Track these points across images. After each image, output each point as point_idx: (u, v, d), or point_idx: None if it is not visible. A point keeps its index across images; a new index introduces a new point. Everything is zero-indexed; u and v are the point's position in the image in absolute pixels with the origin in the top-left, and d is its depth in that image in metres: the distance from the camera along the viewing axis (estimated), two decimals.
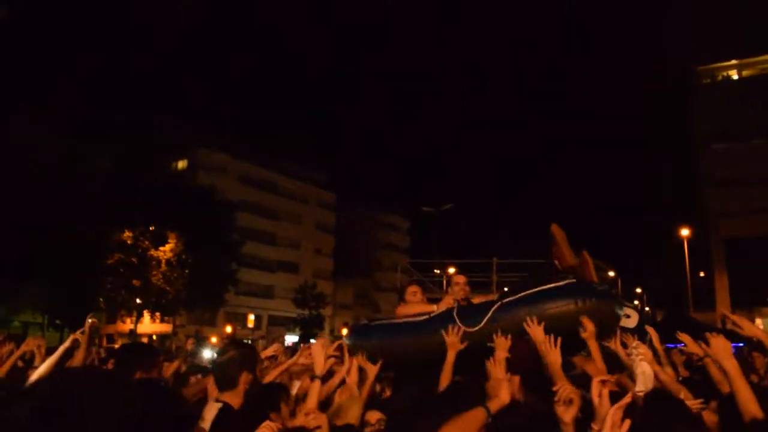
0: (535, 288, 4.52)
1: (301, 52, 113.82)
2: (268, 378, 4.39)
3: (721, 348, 3.14)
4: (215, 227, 39.85)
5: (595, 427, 2.27)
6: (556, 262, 4.88)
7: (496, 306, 4.50)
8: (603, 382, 2.34)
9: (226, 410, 3.49)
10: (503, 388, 3.02)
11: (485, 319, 4.40)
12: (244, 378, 3.56)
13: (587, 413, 2.36)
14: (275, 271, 61.82)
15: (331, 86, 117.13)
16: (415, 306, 5.27)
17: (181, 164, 56.21)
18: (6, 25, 35.85)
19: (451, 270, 31.36)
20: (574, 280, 4.48)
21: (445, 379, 4.06)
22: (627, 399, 2.21)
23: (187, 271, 37.59)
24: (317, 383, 3.67)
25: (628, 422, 2.11)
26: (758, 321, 41.69)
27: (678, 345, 9.55)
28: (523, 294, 4.52)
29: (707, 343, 3.46)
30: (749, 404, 2.71)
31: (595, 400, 2.31)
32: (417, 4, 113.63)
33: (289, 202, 65.18)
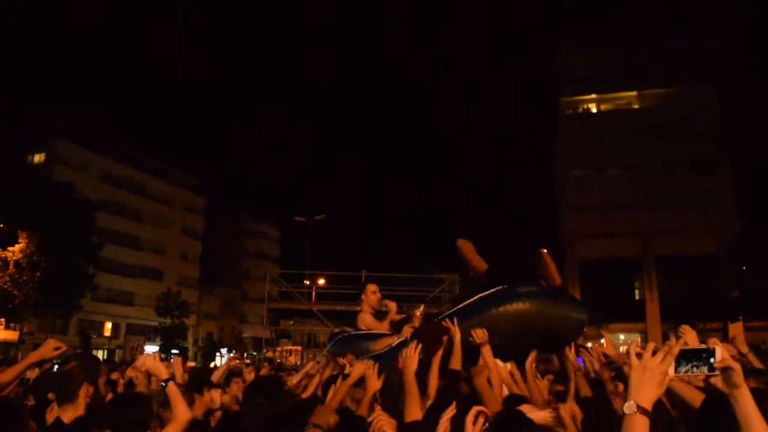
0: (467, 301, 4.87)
1: (173, 51, 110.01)
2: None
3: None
4: (72, 228, 37.40)
5: None
6: (472, 273, 5.30)
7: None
8: (479, 413, 2.55)
9: (55, 426, 3.31)
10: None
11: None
12: (84, 390, 3.44)
13: None
14: (137, 276, 58.96)
15: (204, 88, 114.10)
16: (377, 323, 6.00)
17: (38, 157, 52.46)
18: None
19: (321, 281, 31.35)
20: (501, 287, 4.81)
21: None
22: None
23: (38, 274, 34.99)
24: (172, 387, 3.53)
25: None
26: (606, 335, 44.78)
27: None
28: (456, 308, 4.88)
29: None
30: None
31: (468, 427, 2.51)
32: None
33: (155, 205, 62.47)
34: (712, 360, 2.03)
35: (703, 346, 2.09)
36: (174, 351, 49.83)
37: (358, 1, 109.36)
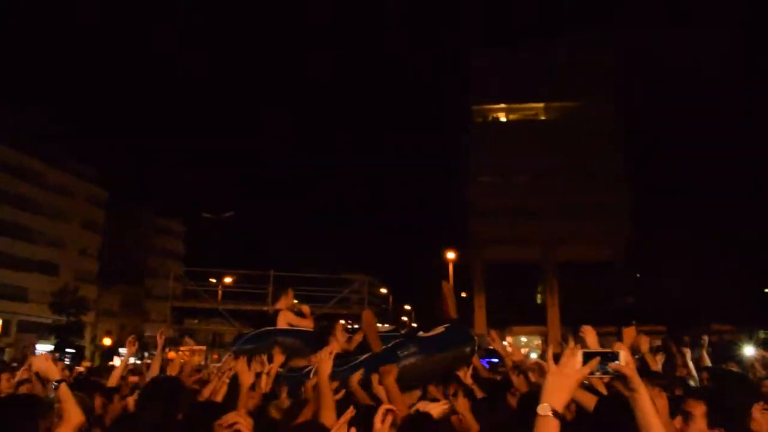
0: None
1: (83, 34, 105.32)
2: None
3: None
4: None
5: None
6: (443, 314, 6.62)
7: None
8: (387, 411, 2.66)
9: None
10: None
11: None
12: None
13: None
14: (31, 271, 55.85)
15: (109, 75, 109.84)
16: (299, 320, 6.82)
17: None
18: None
19: (228, 280, 30.72)
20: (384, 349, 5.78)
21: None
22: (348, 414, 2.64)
23: None
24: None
25: None
26: (509, 339, 46.19)
27: None
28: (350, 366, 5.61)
29: None
30: None
31: (377, 425, 2.59)
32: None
33: (53, 196, 59.28)
34: (616, 363, 2.08)
35: (608, 350, 2.13)
36: (69, 350, 47.59)
37: (358, 1, 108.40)
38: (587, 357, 2.03)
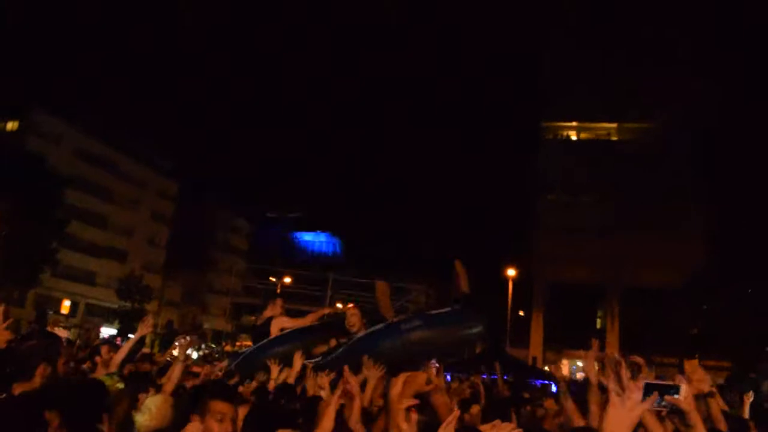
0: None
1: (161, 29, 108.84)
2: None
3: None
4: (39, 200, 36.63)
5: None
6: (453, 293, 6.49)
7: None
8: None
9: (5, 400, 3.20)
10: None
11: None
12: (41, 370, 3.38)
13: None
14: (101, 256, 57.94)
15: (186, 74, 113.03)
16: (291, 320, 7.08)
17: (11, 125, 51.37)
18: None
19: (287, 279, 31.29)
20: (388, 323, 5.87)
21: None
22: None
23: None
24: None
25: None
26: (564, 362, 45.09)
27: (494, 377, 9.97)
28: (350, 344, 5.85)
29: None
30: None
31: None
32: None
33: (127, 185, 61.36)
34: (676, 396, 1.97)
35: (669, 382, 2.03)
36: (130, 335, 49.01)
37: (360, 1, 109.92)
38: (647, 389, 1.91)
